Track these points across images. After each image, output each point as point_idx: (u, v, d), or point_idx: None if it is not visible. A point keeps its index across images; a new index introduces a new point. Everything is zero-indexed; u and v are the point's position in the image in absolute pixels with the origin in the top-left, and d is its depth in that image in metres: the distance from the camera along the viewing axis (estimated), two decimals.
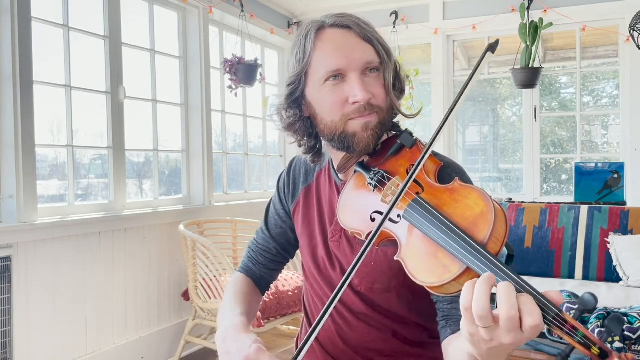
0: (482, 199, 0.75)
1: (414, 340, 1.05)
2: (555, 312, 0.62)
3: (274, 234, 1.23)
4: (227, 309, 1.07)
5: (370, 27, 0.98)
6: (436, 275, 0.71)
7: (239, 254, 3.35)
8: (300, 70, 0.97)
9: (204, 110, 3.44)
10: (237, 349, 0.88)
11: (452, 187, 0.81)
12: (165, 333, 3.08)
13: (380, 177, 0.90)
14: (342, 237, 1.06)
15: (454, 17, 4.00)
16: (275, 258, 1.24)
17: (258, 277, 1.23)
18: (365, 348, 1.06)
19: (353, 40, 0.95)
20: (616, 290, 2.60)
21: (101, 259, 2.70)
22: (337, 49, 0.95)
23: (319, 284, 1.11)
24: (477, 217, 0.73)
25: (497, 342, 0.64)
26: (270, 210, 1.25)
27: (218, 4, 3.55)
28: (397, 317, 1.04)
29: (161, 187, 3.33)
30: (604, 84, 4.64)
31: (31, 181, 2.35)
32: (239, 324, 0.96)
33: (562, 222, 2.97)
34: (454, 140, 4.31)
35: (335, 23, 0.97)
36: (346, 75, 0.94)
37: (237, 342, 0.90)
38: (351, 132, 0.95)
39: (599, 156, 4.21)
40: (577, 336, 0.61)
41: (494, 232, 0.70)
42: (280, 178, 1.24)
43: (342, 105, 0.94)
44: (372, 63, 0.95)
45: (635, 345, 1.59)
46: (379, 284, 1.02)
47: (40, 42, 2.50)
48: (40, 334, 2.39)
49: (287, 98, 1.00)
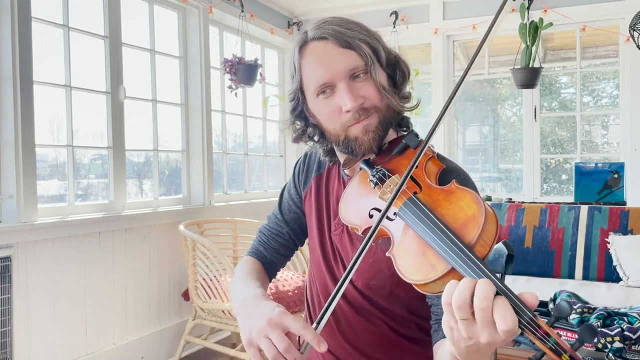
0: (474, 201, 0.76)
1: (411, 337, 1.06)
2: (529, 317, 0.63)
3: (287, 219, 1.24)
4: (241, 284, 1.08)
5: (352, 31, 0.97)
6: (423, 273, 0.73)
7: (239, 254, 3.35)
8: (295, 87, 1.02)
9: (204, 110, 3.44)
10: (260, 313, 0.88)
11: (448, 188, 0.82)
12: (165, 333, 3.08)
13: (381, 175, 0.92)
14: (344, 231, 1.08)
15: (454, 17, 4.00)
16: (287, 243, 1.25)
17: (268, 262, 1.24)
18: (363, 342, 1.07)
19: (333, 50, 0.96)
20: (616, 290, 2.60)
21: (101, 259, 2.70)
22: (319, 62, 0.97)
23: (321, 271, 1.13)
24: (467, 219, 0.74)
25: (475, 340, 0.65)
26: (284, 196, 1.27)
27: (218, 4, 3.55)
28: (394, 315, 1.05)
29: (161, 187, 3.33)
30: (604, 84, 4.64)
31: (31, 181, 2.35)
32: (258, 294, 0.98)
33: (562, 222, 2.97)
34: (454, 140, 4.31)
35: (314, 36, 0.98)
36: (335, 85, 0.96)
37: (259, 307, 0.91)
38: (353, 137, 0.97)
39: (599, 156, 4.21)
40: (549, 342, 0.62)
41: (482, 234, 0.71)
42: (297, 164, 1.26)
43: (338, 115, 0.97)
44: (357, 68, 0.96)
45: (636, 345, 1.59)
46: (375, 281, 1.03)
47: (40, 42, 2.50)
48: (40, 334, 2.39)
49: (291, 112, 1.05)
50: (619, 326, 1.62)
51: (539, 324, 0.63)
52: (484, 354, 0.70)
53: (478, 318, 0.63)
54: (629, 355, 1.58)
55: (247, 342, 0.88)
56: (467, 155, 4.67)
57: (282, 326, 0.84)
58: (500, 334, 0.63)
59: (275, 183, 4.58)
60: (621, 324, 1.63)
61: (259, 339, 0.85)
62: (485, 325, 0.63)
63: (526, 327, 0.63)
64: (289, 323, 0.83)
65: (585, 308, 1.76)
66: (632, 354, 1.59)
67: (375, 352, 1.06)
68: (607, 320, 1.69)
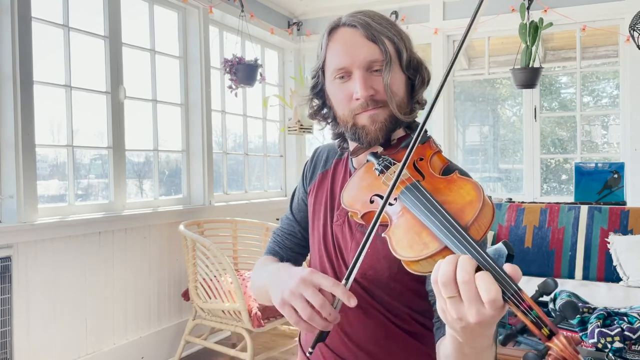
0: (474, 189, 0.79)
1: (409, 330, 1.06)
2: (514, 289, 0.65)
3: (298, 218, 1.26)
4: (264, 269, 1.12)
5: (381, 26, 1.01)
6: (415, 250, 0.75)
7: (239, 254, 3.35)
8: (318, 66, 1.07)
9: (204, 110, 3.44)
10: (291, 275, 0.91)
11: (450, 178, 0.85)
12: (165, 333, 3.08)
13: (387, 163, 0.94)
14: (345, 221, 1.09)
15: (454, 17, 4.00)
16: (301, 242, 1.27)
17: (284, 260, 1.26)
18: (360, 335, 1.07)
19: (359, 39, 1.00)
20: (616, 290, 2.60)
21: (101, 259, 2.70)
22: (343, 47, 1.01)
23: (322, 262, 1.14)
24: (465, 204, 0.77)
25: (465, 321, 0.67)
26: (295, 196, 1.30)
27: (218, 4, 3.55)
28: (390, 307, 1.05)
29: (161, 187, 3.33)
30: (604, 84, 4.64)
31: (31, 181, 2.35)
32: (286, 264, 1.03)
33: (562, 222, 2.97)
34: (454, 140, 4.31)
35: (346, 22, 1.03)
36: (352, 73, 1.00)
37: (289, 271, 0.95)
38: (360, 125, 1.01)
39: (599, 156, 4.21)
40: (531, 315, 0.64)
41: (478, 218, 0.74)
42: (306, 164, 1.29)
43: (348, 101, 1.01)
44: (376, 62, 0.99)
45: (636, 345, 1.59)
46: (372, 271, 1.04)
47: (40, 42, 2.50)
48: (40, 334, 2.39)
49: (311, 90, 1.10)
50: (619, 326, 1.62)
51: (522, 297, 0.65)
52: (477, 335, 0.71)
53: (462, 293, 0.66)
54: (629, 355, 1.59)
55: (280, 303, 0.90)
56: (467, 155, 4.66)
57: (313, 283, 0.86)
58: (487, 309, 0.64)
59: (275, 183, 4.58)
60: (621, 324, 1.63)
61: (292, 298, 0.87)
62: (471, 302, 0.65)
63: (510, 299, 0.65)
64: (320, 280, 0.86)
65: (585, 308, 1.76)
66: (632, 353, 1.59)
67: (372, 345, 1.06)
68: (607, 320, 1.69)
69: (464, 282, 0.65)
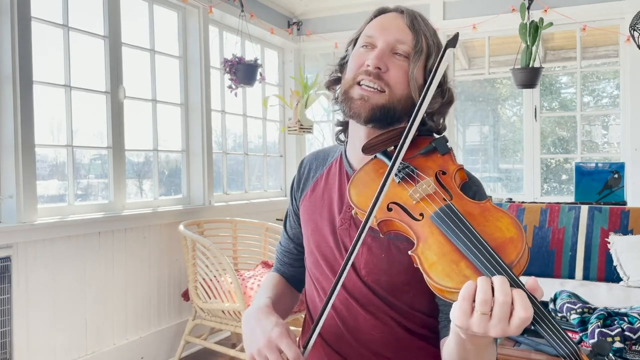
0: (514, 226, 0.77)
1: (417, 333, 1.05)
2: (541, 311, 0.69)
3: (291, 235, 1.27)
4: (256, 296, 1.16)
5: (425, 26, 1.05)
6: (454, 281, 0.73)
7: (239, 254, 3.35)
8: (353, 37, 1.11)
9: (203, 110, 3.44)
10: (261, 331, 0.97)
11: (484, 205, 0.83)
12: (165, 333, 3.08)
13: (410, 172, 0.92)
14: (351, 224, 1.07)
15: (454, 17, 3.99)
16: (299, 256, 1.27)
17: (289, 276, 1.28)
18: (369, 339, 1.06)
19: (399, 22, 1.04)
20: (616, 290, 2.59)
21: (101, 259, 2.69)
22: (382, 23, 1.05)
23: (325, 275, 1.11)
24: (506, 241, 0.75)
25: (484, 333, 0.70)
26: (288, 214, 1.30)
27: (218, 4, 3.55)
28: (400, 310, 1.04)
29: (161, 187, 3.33)
30: (604, 83, 4.64)
31: (31, 181, 2.35)
32: (262, 306, 1.04)
33: (562, 222, 2.96)
34: (454, 140, 4.31)
35: (395, 9, 1.08)
36: (376, 45, 1.02)
37: (260, 323, 0.99)
38: (350, 96, 1.03)
39: (599, 156, 4.21)
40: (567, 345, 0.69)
41: (520, 260, 0.73)
42: (293, 180, 1.28)
43: (358, 67, 1.03)
44: (403, 45, 1.01)
45: (636, 345, 1.58)
46: (387, 277, 1.02)
47: (40, 42, 2.50)
48: (40, 334, 2.39)
49: (340, 60, 1.13)
50: (619, 326, 1.62)
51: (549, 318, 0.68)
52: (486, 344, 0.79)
53: (496, 312, 0.68)
54: (629, 355, 1.58)
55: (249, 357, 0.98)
56: (468, 155, 4.66)
57: (278, 348, 0.93)
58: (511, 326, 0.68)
59: (275, 183, 4.58)
60: (621, 324, 1.63)
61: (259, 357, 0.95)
62: (500, 321, 0.68)
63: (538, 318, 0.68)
64: (283, 347, 0.92)
65: (585, 308, 1.76)
66: (632, 354, 1.58)
67: (381, 349, 1.05)
68: (607, 320, 1.69)
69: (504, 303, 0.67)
